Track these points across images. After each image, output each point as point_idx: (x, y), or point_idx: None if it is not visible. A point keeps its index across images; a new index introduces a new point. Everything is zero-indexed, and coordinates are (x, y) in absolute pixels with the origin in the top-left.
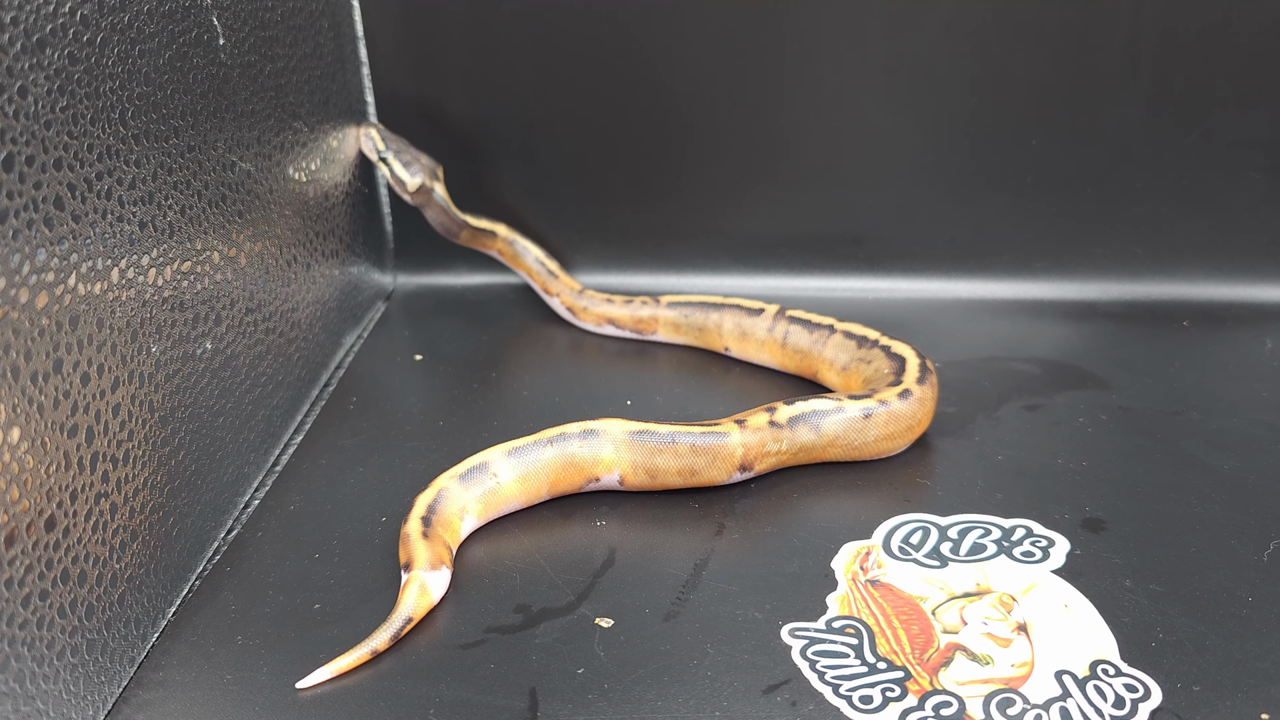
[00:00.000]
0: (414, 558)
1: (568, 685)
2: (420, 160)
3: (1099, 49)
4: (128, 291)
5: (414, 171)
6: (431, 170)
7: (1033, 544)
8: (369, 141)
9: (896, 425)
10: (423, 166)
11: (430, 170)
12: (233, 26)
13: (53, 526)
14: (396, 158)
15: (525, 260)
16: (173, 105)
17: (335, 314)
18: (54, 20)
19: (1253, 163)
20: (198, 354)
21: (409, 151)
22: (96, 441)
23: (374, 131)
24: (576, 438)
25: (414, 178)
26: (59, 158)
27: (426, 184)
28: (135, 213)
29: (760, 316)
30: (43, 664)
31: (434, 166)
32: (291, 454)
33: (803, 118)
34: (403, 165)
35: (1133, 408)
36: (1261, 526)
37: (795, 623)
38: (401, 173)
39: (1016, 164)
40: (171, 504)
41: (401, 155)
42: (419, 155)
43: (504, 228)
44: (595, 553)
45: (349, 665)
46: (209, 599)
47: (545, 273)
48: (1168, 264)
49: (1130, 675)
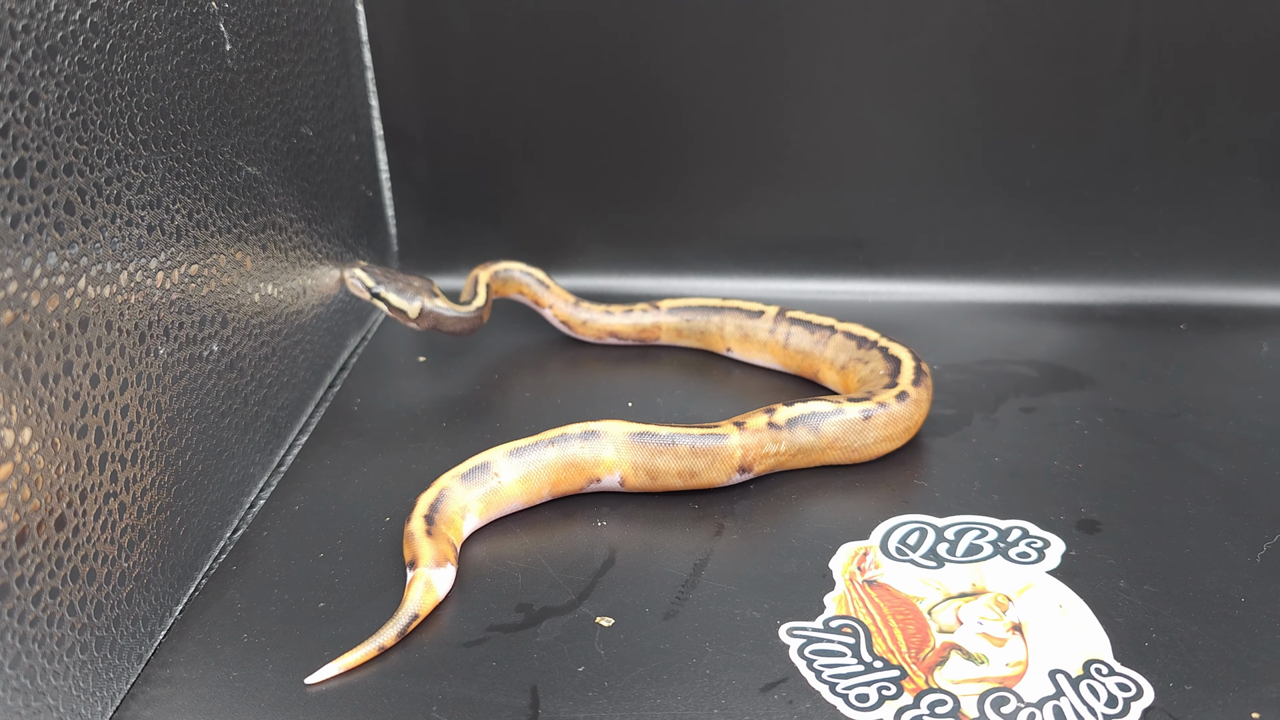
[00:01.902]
0: (419, 555)
1: (568, 683)
2: (413, 284)
3: (1098, 53)
4: (136, 294)
5: (410, 297)
6: (428, 289)
7: (1028, 545)
8: (357, 283)
9: (895, 427)
10: (416, 290)
11: (426, 289)
12: (239, 32)
13: (63, 525)
14: (389, 288)
15: (516, 279)
16: (180, 111)
17: (340, 316)
18: (65, 28)
19: (1250, 167)
20: (205, 356)
21: (399, 279)
22: (105, 442)
23: (359, 271)
24: (578, 439)
25: (413, 303)
26: (69, 163)
27: (427, 305)
28: (144, 217)
29: (761, 319)
30: (52, 660)
31: (428, 285)
32: (296, 454)
33: (803, 121)
34: (398, 294)
35: (1129, 410)
36: (1255, 528)
37: (793, 622)
38: (399, 301)
39: (1015, 167)
40: (179, 504)
41: (394, 284)
42: (410, 280)
43: (485, 272)
44: (596, 552)
45: (357, 661)
46: (216, 597)
47: (537, 285)
48: (1165, 267)
49: (1123, 674)
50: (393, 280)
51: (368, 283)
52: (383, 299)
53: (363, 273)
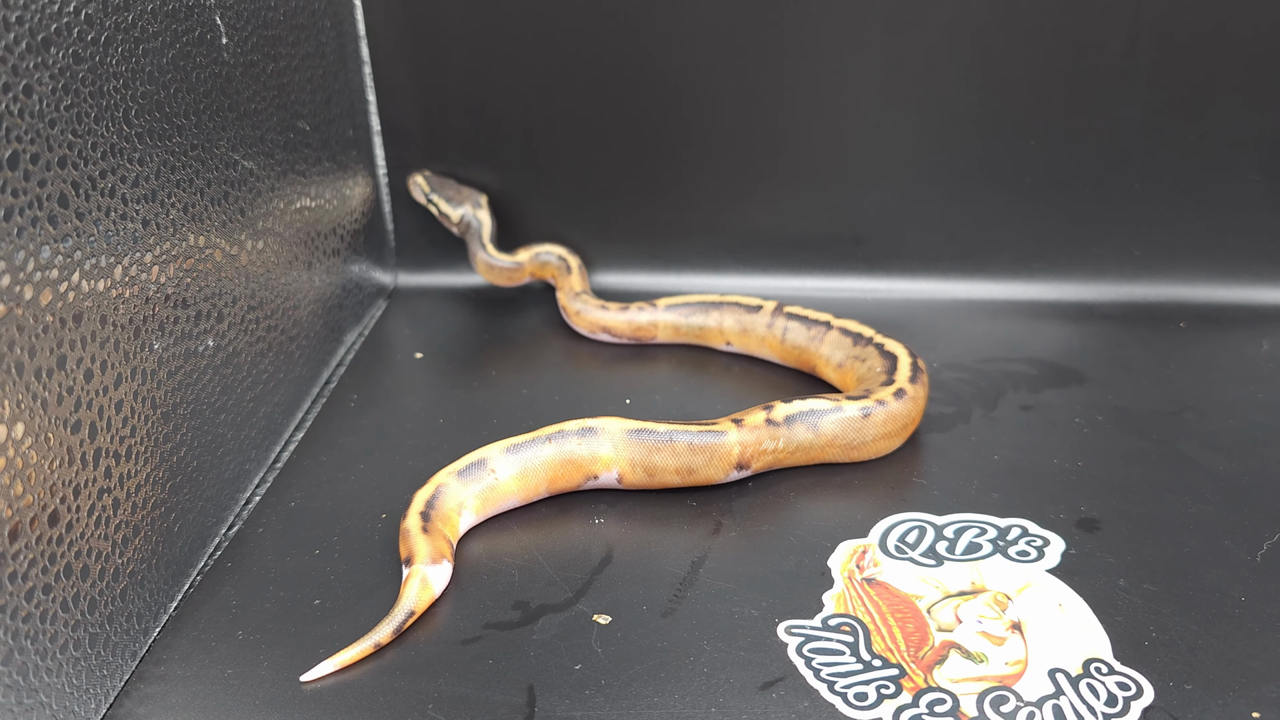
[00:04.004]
0: (415, 552)
1: (565, 681)
2: (462, 194)
3: (1098, 49)
4: (131, 288)
5: (457, 204)
6: (475, 201)
7: (1028, 543)
8: (416, 189)
9: (894, 424)
10: (465, 200)
11: (473, 201)
12: (235, 25)
13: (56, 521)
14: (441, 196)
15: (551, 264)
16: (176, 104)
17: (336, 312)
18: (59, 19)
19: (1251, 164)
20: (200, 351)
21: (452, 188)
22: (100, 437)
23: (419, 178)
24: (575, 435)
25: (457, 209)
26: (63, 155)
27: (469, 214)
28: (139, 210)
29: (759, 313)
30: (46, 657)
31: (477, 196)
32: (292, 451)
33: (802, 117)
34: (446, 201)
35: (1129, 408)
36: (1255, 526)
37: (791, 620)
38: (447, 209)
39: (1015, 164)
40: (173, 500)
41: (445, 193)
42: (461, 189)
43: (525, 252)
44: (593, 550)
45: (353, 658)
46: (210, 594)
47: (563, 267)
48: (1165, 265)
49: (1123, 673)
50: (447, 188)
51: (424, 189)
52: (435, 205)
53: (423, 180)
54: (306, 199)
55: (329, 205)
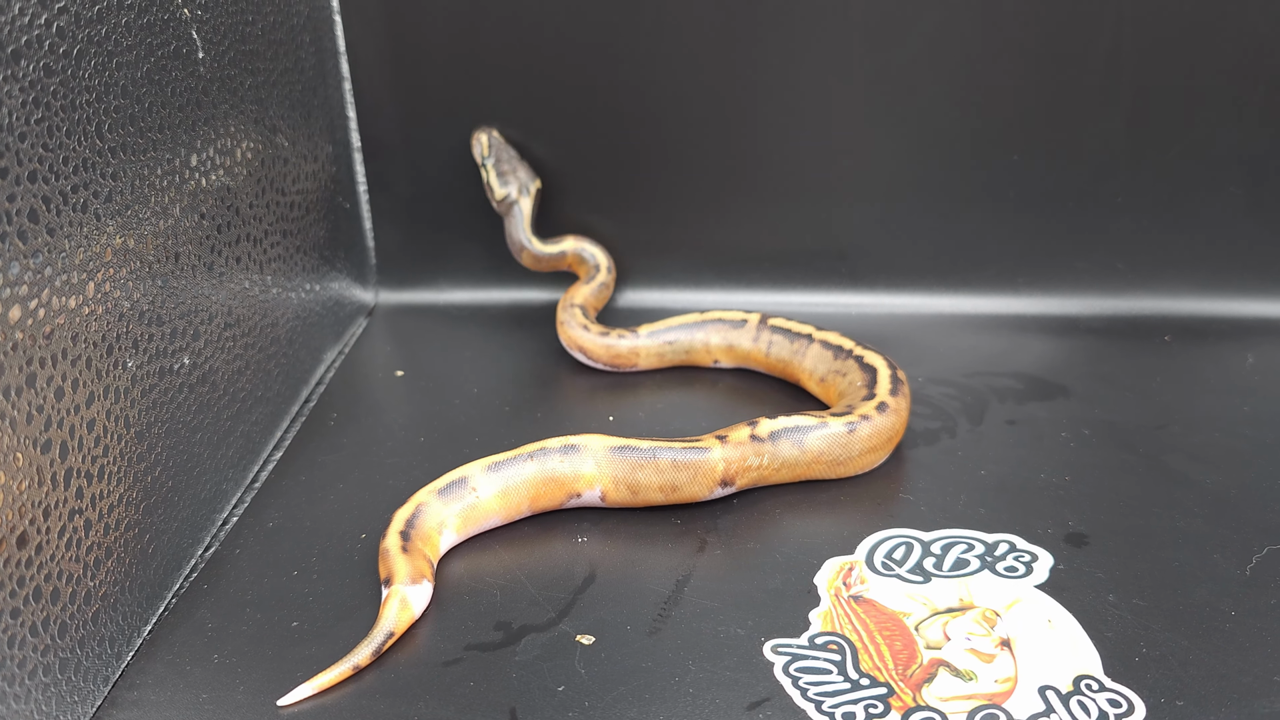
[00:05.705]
0: (394, 572)
1: (548, 703)
2: (517, 173)
3: (1080, 65)
4: (103, 306)
5: (505, 182)
6: (524, 185)
7: (1016, 559)
8: (477, 146)
9: (879, 439)
10: (517, 179)
11: (523, 185)
12: (212, 40)
13: (25, 543)
14: (494, 167)
15: (586, 264)
16: (151, 118)
17: (316, 329)
18: (29, 32)
19: (1233, 178)
20: (175, 369)
21: (510, 162)
22: (71, 457)
23: (484, 137)
24: (557, 453)
25: (503, 188)
26: (34, 170)
27: (513, 196)
28: (111, 226)
29: (744, 328)
30: (13, 683)
31: (529, 181)
32: (271, 470)
33: (786, 132)
34: (497, 175)
35: (1115, 422)
36: (1244, 540)
37: (777, 639)
38: (494, 181)
39: (998, 179)
40: (148, 521)
41: (500, 165)
42: (518, 167)
43: (573, 242)
44: (576, 569)
45: (331, 681)
46: (186, 617)
47: (589, 273)
48: (1150, 279)
49: (1114, 690)
50: (504, 161)
51: (484, 150)
52: (485, 171)
53: (485, 140)
54: (285, 215)
55: (308, 222)
